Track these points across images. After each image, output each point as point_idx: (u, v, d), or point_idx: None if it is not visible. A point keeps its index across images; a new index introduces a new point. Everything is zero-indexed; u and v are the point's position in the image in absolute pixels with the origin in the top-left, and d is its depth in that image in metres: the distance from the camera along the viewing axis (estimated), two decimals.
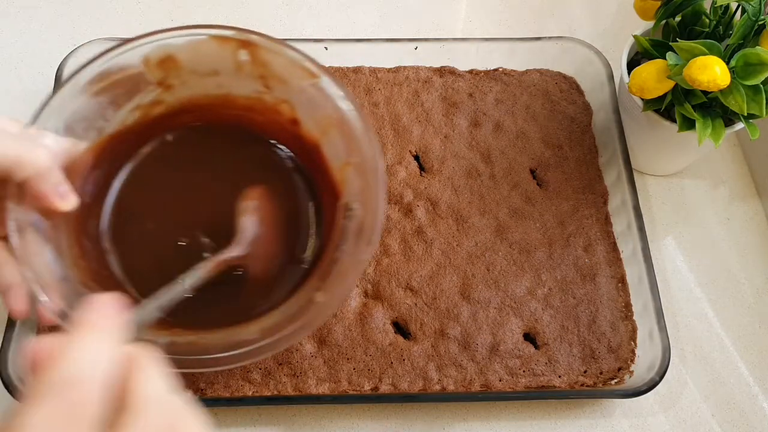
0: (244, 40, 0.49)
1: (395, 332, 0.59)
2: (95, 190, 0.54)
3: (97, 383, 0.28)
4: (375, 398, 0.57)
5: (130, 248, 0.54)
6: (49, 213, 0.46)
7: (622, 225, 0.63)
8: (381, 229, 0.48)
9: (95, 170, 0.53)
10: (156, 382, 0.30)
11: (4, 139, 0.42)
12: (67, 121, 0.49)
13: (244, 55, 0.50)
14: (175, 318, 0.50)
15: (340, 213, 0.51)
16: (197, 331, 0.49)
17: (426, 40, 0.71)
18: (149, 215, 0.55)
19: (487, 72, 0.72)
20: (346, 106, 0.50)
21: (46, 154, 0.43)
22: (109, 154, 0.54)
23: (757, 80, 0.52)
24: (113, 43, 0.50)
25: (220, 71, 0.52)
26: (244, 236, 0.50)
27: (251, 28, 0.51)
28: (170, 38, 0.49)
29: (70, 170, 0.48)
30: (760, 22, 0.53)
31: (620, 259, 0.62)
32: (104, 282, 0.51)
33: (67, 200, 0.46)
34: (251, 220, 0.51)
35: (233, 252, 0.50)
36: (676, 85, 0.57)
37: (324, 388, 0.56)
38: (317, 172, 0.57)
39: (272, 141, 0.56)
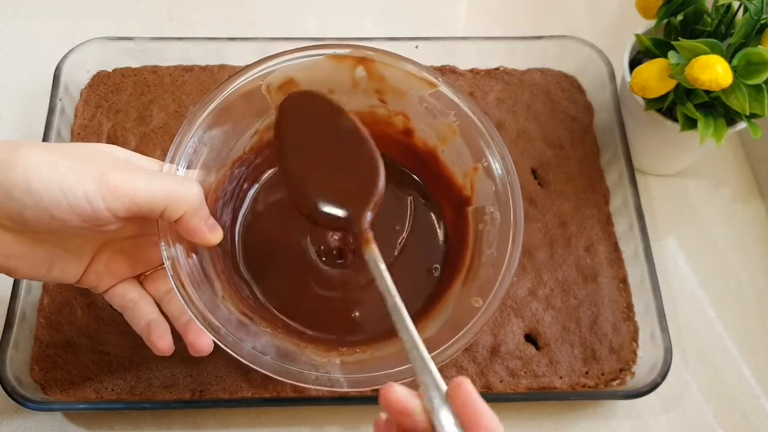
0: (361, 57, 0.50)
1: None
2: (227, 219, 0.55)
3: None
4: (375, 399, 0.56)
5: (264, 273, 0.55)
6: (196, 248, 0.47)
7: (623, 225, 0.63)
8: (523, 229, 0.48)
9: (222, 199, 0.53)
10: None
11: (161, 178, 0.42)
12: (194, 156, 0.48)
13: (360, 72, 0.51)
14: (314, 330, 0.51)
15: (474, 218, 0.52)
16: (360, 347, 0.49)
17: (426, 39, 0.70)
18: (273, 238, 0.56)
19: (488, 71, 0.71)
20: (470, 111, 0.51)
21: (198, 191, 0.43)
22: (233, 182, 0.54)
23: (759, 79, 0.52)
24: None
25: (336, 89, 0.52)
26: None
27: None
28: (289, 61, 0.49)
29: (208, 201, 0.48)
30: (762, 22, 0.53)
31: (622, 260, 0.62)
32: (257, 310, 0.51)
33: (217, 233, 0.45)
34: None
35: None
36: (678, 84, 0.56)
37: (323, 390, 0.56)
38: (432, 180, 0.57)
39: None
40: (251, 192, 0.57)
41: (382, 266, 0.41)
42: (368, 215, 0.44)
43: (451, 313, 0.49)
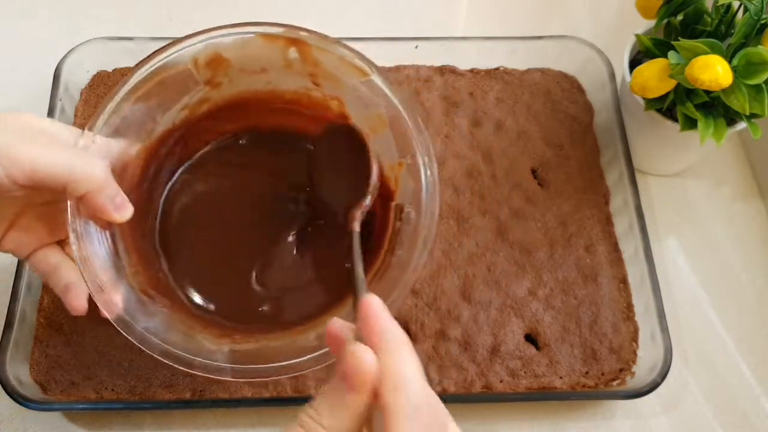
0: (294, 38, 0.49)
1: None
2: (147, 194, 0.54)
3: (433, 399, 0.31)
4: None
5: (183, 250, 0.54)
6: (106, 223, 0.47)
7: (623, 225, 0.63)
8: (435, 236, 0.47)
9: (146, 173, 0.53)
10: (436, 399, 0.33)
11: (66, 153, 0.42)
12: (119, 125, 0.48)
13: (293, 53, 0.50)
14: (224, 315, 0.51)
15: (394, 214, 0.50)
16: (255, 336, 0.49)
17: (426, 38, 0.70)
18: (201, 216, 0.55)
19: (487, 71, 0.71)
20: (400, 105, 0.49)
21: (101, 169, 0.43)
22: (159, 157, 0.54)
23: (759, 79, 0.52)
24: (160, 44, 0.49)
25: (269, 69, 0.51)
26: (373, 184, 0.50)
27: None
28: (218, 37, 0.48)
29: (123, 174, 0.49)
30: (762, 22, 0.53)
31: (622, 260, 0.62)
32: (161, 287, 0.51)
33: (123, 211, 0.45)
34: (375, 171, 0.51)
35: (367, 201, 0.49)
36: (678, 84, 0.56)
37: (324, 389, 0.56)
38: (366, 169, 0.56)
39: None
40: (181, 169, 0.56)
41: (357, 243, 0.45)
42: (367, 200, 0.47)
43: (347, 312, 0.48)
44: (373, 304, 0.32)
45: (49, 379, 0.56)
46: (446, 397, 0.56)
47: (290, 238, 0.54)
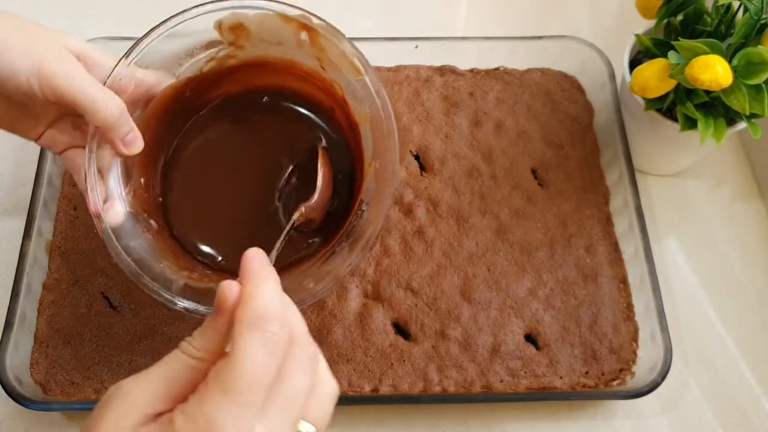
0: (305, 24, 0.53)
1: (395, 333, 0.59)
2: (166, 129, 0.58)
3: (285, 318, 0.33)
4: (375, 399, 0.57)
5: (181, 186, 0.58)
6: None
7: (623, 225, 0.63)
8: (375, 239, 0.50)
9: (170, 109, 0.56)
10: (302, 319, 0.36)
11: (82, 82, 0.46)
12: (150, 61, 0.53)
13: (304, 36, 0.53)
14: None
15: (357, 208, 0.53)
16: (210, 277, 0.52)
17: (426, 39, 0.70)
18: (205, 159, 0.59)
19: (487, 71, 0.71)
20: (381, 110, 0.52)
21: (114, 107, 0.48)
22: (185, 97, 0.57)
23: (759, 79, 0.52)
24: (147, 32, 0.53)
25: (284, 43, 0.55)
26: (320, 187, 0.55)
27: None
28: (241, 8, 0.52)
29: (146, 105, 0.54)
30: (762, 22, 0.53)
31: (622, 260, 0.62)
32: (153, 211, 0.56)
33: (132, 147, 0.50)
34: (322, 172, 0.55)
35: (308, 203, 0.54)
36: (678, 84, 0.56)
37: None
38: (356, 153, 0.58)
39: (329, 110, 0.60)
40: (202, 112, 0.60)
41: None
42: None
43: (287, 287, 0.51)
44: (250, 253, 0.36)
45: (49, 379, 0.56)
46: (446, 397, 0.56)
47: (272, 204, 0.57)
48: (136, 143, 0.50)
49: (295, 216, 0.52)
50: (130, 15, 0.77)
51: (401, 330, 0.59)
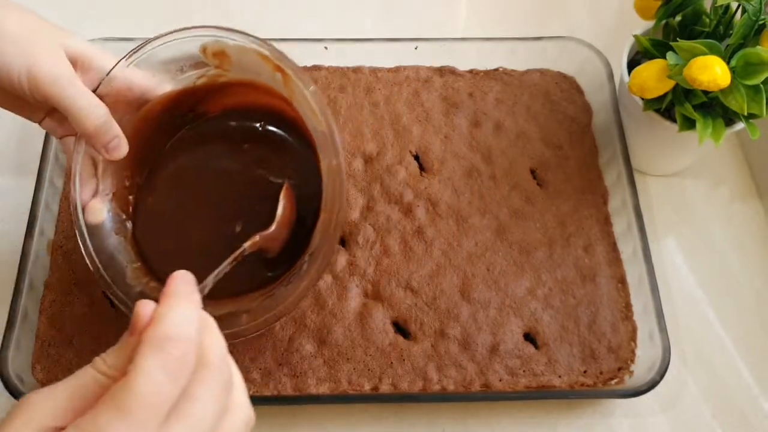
0: (279, 66, 0.52)
1: (395, 332, 0.59)
2: (154, 140, 0.58)
3: (193, 341, 0.33)
4: (375, 398, 0.57)
5: (158, 196, 0.58)
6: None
7: (622, 225, 0.63)
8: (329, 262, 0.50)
9: (161, 117, 0.56)
10: (220, 344, 0.35)
11: (74, 92, 0.47)
12: (149, 66, 0.53)
13: (278, 76, 0.53)
14: None
15: (301, 259, 0.53)
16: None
17: (426, 39, 0.71)
18: (180, 181, 0.59)
19: (487, 72, 0.72)
20: (340, 163, 0.51)
21: (96, 117, 0.48)
22: (178, 106, 0.57)
23: (757, 80, 0.52)
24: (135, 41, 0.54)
25: (262, 75, 0.55)
26: (278, 219, 0.54)
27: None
28: (224, 37, 0.53)
29: (140, 108, 0.54)
30: (760, 22, 0.53)
31: (620, 260, 0.62)
32: (132, 217, 0.57)
33: (114, 153, 0.51)
34: (283, 205, 0.55)
35: (265, 233, 0.53)
36: (677, 84, 0.56)
37: (324, 388, 0.56)
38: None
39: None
40: (193, 125, 0.60)
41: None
42: None
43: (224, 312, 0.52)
44: (176, 275, 0.36)
45: (50, 378, 0.56)
46: (446, 396, 0.57)
47: (237, 228, 0.57)
48: (119, 150, 0.51)
49: (246, 244, 0.51)
50: (131, 15, 0.77)
51: (401, 329, 0.59)
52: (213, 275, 0.46)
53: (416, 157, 0.67)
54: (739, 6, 0.56)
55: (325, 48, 0.70)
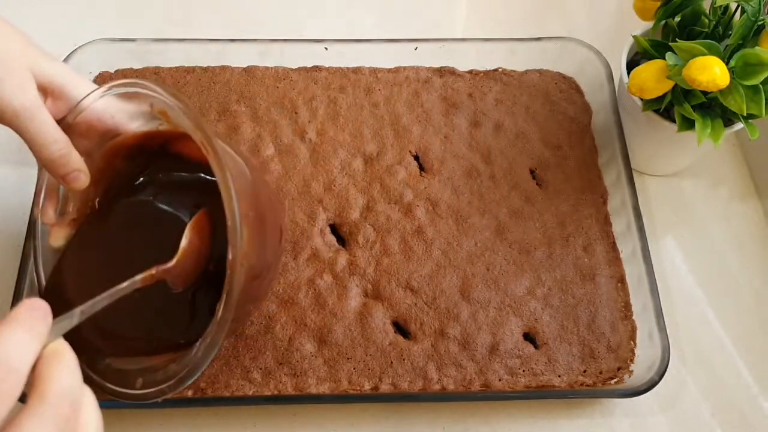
0: (203, 143, 0.48)
1: (395, 332, 0.59)
2: (117, 174, 0.55)
3: (23, 373, 0.31)
4: (375, 398, 0.57)
5: (92, 235, 0.55)
6: None
7: (621, 225, 0.63)
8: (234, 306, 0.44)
9: (128, 154, 0.55)
10: (68, 378, 0.33)
11: (38, 122, 0.46)
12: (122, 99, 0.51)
13: (205, 151, 0.49)
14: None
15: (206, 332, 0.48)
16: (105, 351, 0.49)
17: (426, 40, 0.71)
18: (118, 223, 0.56)
19: (486, 72, 0.72)
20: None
21: (55, 151, 0.47)
22: (145, 147, 0.55)
23: (756, 80, 0.52)
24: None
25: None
26: (181, 252, 0.50)
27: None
28: (164, 99, 0.49)
29: (110, 138, 0.52)
30: (759, 23, 0.53)
31: (620, 259, 0.63)
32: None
33: (75, 183, 0.50)
34: (187, 239, 0.50)
35: (163, 266, 0.49)
36: (676, 85, 0.57)
37: (324, 388, 0.56)
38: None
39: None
40: (152, 168, 0.57)
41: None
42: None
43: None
44: (25, 301, 0.34)
45: None
46: (446, 396, 0.57)
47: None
48: (77, 181, 0.50)
49: (138, 277, 0.46)
50: (133, 16, 0.77)
51: (401, 329, 0.60)
52: (88, 304, 0.41)
53: (416, 158, 0.67)
54: (738, 6, 0.56)
55: (326, 48, 0.70)
